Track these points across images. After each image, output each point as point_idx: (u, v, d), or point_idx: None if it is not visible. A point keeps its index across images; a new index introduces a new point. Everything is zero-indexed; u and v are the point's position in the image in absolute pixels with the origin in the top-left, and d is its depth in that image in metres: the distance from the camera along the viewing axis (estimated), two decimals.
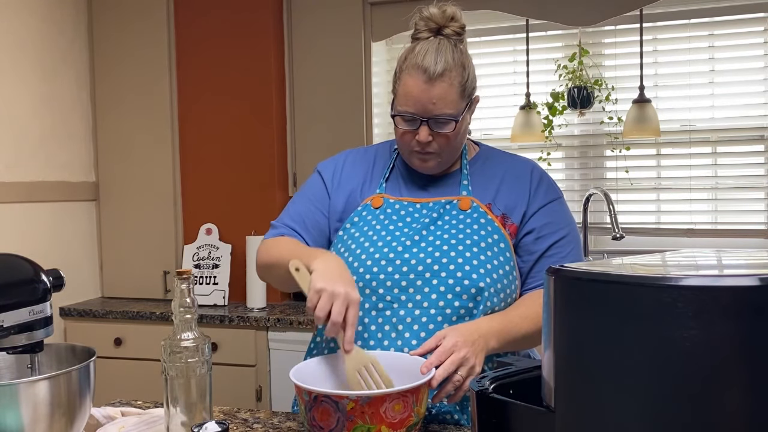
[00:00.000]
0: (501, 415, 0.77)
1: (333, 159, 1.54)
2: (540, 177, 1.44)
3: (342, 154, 1.55)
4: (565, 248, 1.39)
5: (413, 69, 1.31)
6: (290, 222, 1.48)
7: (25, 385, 1.05)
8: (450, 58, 1.31)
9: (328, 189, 1.48)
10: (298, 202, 1.51)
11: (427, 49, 1.32)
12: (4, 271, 1.12)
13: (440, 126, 1.33)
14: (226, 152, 3.06)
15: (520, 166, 1.45)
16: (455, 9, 1.36)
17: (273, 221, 1.52)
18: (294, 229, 1.47)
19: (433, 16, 1.35)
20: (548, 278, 0.71)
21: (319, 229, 1.47)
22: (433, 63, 1.30)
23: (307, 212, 1.48)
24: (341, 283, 1.18)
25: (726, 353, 0.60)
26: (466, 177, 1.42)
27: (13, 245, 2.67)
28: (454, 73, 1.31)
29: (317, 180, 1.52)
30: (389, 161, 1.49)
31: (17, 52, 2.77)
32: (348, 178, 1.48)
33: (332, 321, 1.16)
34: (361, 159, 1.52)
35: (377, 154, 1.52)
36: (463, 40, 1.37)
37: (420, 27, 1.37)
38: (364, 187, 1.47)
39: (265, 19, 2.99)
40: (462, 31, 1.37)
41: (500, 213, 1.39)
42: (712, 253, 0.87)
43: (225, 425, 0.98)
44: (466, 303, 1.29)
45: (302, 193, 1.53)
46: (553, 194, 1.43)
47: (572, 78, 2.91)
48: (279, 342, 2.73)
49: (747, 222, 2.85)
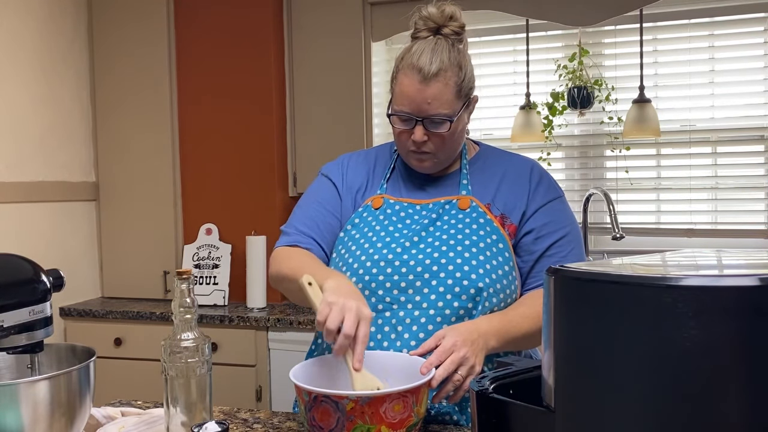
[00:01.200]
0: (501, 415, 0.77)
1: (337, 162, 1.52)
2: (540, 176, 1.43)
3: (344, 157, 1.53)
4: (566, 248, 1.38)
5: (408, 69, 1.31)
6: (304, 228, 1.44)
7: (25, 385, 1.05)
8: (446, 58, 1.30)
9: (339, 191, 1.47)
10: (308, 207, 1.47)
11: (423, 48, 1.31)
12: (4, 271, 1.12)
13: (435, 126, 1.32)
14: (226, 152, 3.06)
15: (520, 166, 1.44)
16: (454, 8, 1.36)
17: (283, 227, 1.48)
18: (309, 235, 1.43)
19: (431, 15, 1.34)
20: (548, 278, 0.71)
21: (333, 233, 1.44)
22: (428, 63, 1.29)
23: (320, 216, 1.45)
24: (353, 299, 1.16)
25: (726, 353, 0.60)
26: (466, 177, 1.41)
27: (13, 245, 2.67)
28: (449, 73, 1.30)
29: (326, 183, 1.49)
30: (390, 162, 1.49)
31: (17, 52, 2.77)
32: (353, 180, 1.47)
33: (344, 333, 1.12)
34: (363, 161, 1.51)
35: (378, 155, 1.51)
36: (463, 40, 1.36)
37: (419, 26, 1.36)
38: (366, 189, 1.46)
39: (265, 19, 2.99)
40: (461, 31, 1.36)
41: (499, 213, 1.38)
42: (712, 253, 0.87)
43: (225, 425, 0.98)
44: (466, 303, 1.28)
45: (311, 197, 1.49)
46: (554, 193, 1.42)
47: (572, 78, 2.91)
48: (279, 342, 2.73)
49: (747, 222, 2.85)
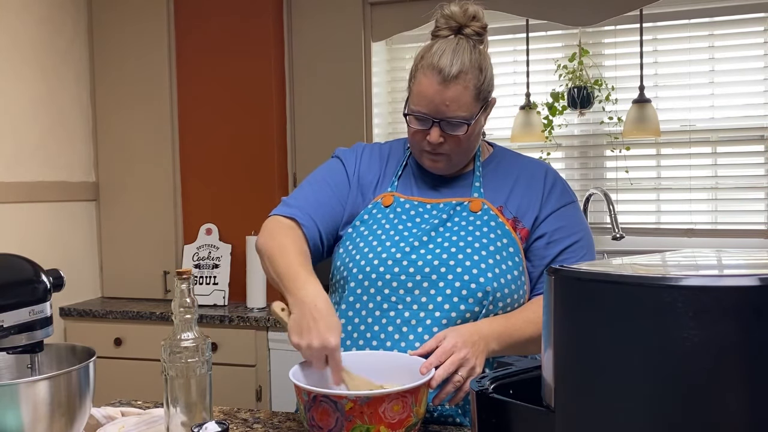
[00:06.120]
0: (501, 415, 0.77)
1: (352, 150, 1.49)
2: (554, 181, 1.40)
3: (359, 146, 1.50)
4: (578, 253, 1.35)
5: (428, 69, 1.28)
6: (304, 202, 1.41)
7: (25, 385, 1.05)
8: (467, 60, 1.27)
9: (350, 179, 1.43)
10: (315, 184, 1.44)
11: (444, 49, 1.28)
12: (4, 271, 1.12)
13: (452, 128, 1.30)
14: (226, 152, 3.06)
15: (533, 169, 1.42)
16: (477, 8, 1.32)
17: (285, 198, 1.45)
18: (308, 213, 1.39)
19: (454, 14, 1.31)
20: (548, 278, 0.71)
21: (333, 216, 1.41)
22: (449, 64, 1.26)
23: (325, 196, 1.41)
24: (315, 333, 1.14)
25: (726, 353, 0.60)
26: (479, 179, 1.39)
27: (13, 245, 2.67)
28: (470, 75, 1.27)
29: (338, 167, 1.46)
30: (402, 159, 1.46)
31: (17, 52, 2.77)
32: (365, 172, 1.44)
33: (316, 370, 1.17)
34: (377, 155, 1.47)
35: (391, 151, 1.48)
36: (484, 41, 1.33)
37: (441, 24, 1.33)
38: (378, 185, 1.43)
39: (265, 19, 2.99)
40: (483, 32, 1.33)
41: (512, 216, 1.36)
42: (712, 253, 0.87)
43: (225, 425, 0.98)
44: (472, 307, 1.27)
45: (321, 177, 1.45)
46: (567, 198, 1.39)
47: (572, 78, 2.91)
48: (279, 342, 2.73)
49: (747, 222, 2.85)
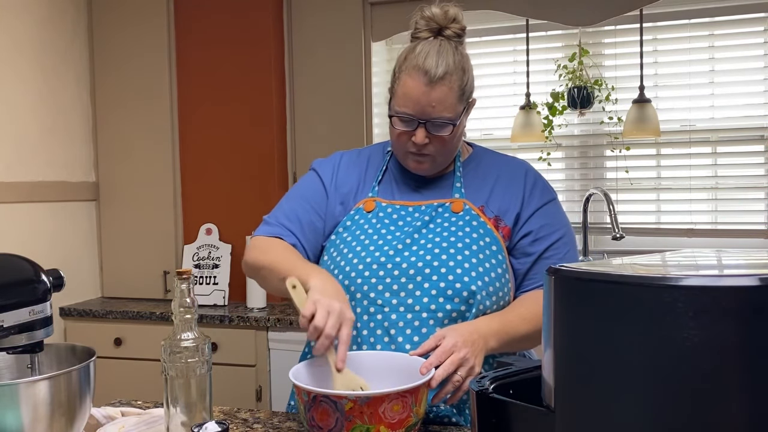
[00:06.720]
0: (501, 415, 0.77)
1: (330, 159, 1.50)
2: (534, 179, 1.42)
3: (337, 155, 1.51)
4: (562, 249, 1.38)
5: (413, 70, 1.29)
6: (285, 221, 1.43)
7: (25, 385, 1.05)
8: (451, 61, 1.28)
9: (327, 190, 1.44)
10: (293, 200, 1.46)
11: (429, 50, 1.29)
12: (4, 271, 1.12)
13: (437, 129, 1.31)
14: (226, 152, 3.06)
15: (514, 168, 1.43)
16: (457, 10, 1.34)
17: (266, 216, 1.47)
18: (289, 229, 1.42)
19: (435, 16, 1.32)
20: (548, 278, 0.71)
21: (315, 230, 1.42)
22: (435, 66, 1.27)
23: (304, 212, 1.43)
24: (337, 300, 1.17)
25: (726, 353, 0.60)
26: (459, 179, 1.40)
27: (13, 245, 2.67)
28: (454, 76, 1.29)
29: (315, 180, 1.47)
30: (382, 163, 1.46)
31: (17, 52, 2.77)
32: (343, 181, 1.45)
33: (325, 334, 1.14)
34: (355, 162, 1.48)
35: (370, 156, 1.49)
36: (463, 42, 1.35)
37: (420, 26, 1.34)
38: (358, 191, 1.44)
39: (265, 19, 2.99)
40: (462, 33, 1.34)
41: (493, 215, 1.37)
42: (712, 253, 0.87)
43: (225, 425, 0.98)
44: (458, 306, 1.28)
45: (298, 191, 1.48)
46: (549, 196, 1.42)
47: (572, 78, 2.91)
48: (279, 342, 2.73)
49: (747, 222, 2.85)
